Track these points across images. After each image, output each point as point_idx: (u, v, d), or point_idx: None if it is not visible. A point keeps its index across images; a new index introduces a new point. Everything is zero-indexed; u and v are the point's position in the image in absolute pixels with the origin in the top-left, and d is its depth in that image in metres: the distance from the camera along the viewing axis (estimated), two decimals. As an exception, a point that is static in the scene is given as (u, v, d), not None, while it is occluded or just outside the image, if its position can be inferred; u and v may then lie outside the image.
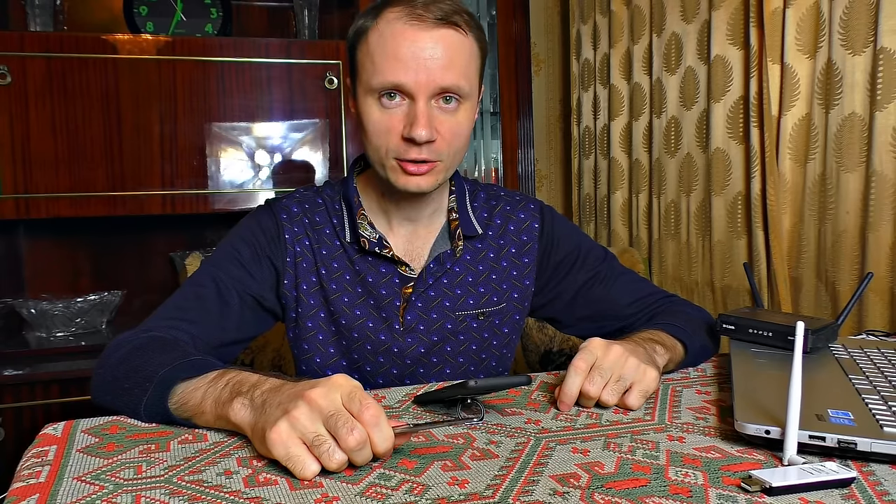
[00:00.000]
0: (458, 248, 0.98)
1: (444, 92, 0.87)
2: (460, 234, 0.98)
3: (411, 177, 0.89)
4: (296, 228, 0.96)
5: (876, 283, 1.39)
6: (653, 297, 1.05)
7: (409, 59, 0.84)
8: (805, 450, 0.63)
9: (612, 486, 0.58)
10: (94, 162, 1.75)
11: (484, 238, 1.01)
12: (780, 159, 1.57)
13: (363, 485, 0.58)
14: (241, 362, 1.38)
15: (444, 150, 0.89)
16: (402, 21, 0.85)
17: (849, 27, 1.42)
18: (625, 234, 2.11)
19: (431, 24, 0.85)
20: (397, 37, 0.85)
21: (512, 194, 1.06)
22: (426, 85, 0.85)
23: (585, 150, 2.25)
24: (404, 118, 0.87)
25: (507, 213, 1.03)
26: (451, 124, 0.89)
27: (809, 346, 0.90)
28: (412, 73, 0.85)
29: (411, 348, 0.97)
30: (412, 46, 0.85)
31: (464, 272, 0.99)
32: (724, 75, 1.70)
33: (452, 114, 0.89)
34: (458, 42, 0.87)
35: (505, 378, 0.74)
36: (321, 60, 1.90)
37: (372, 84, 0.87)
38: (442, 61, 0.85)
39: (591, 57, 2.18)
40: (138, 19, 1.90)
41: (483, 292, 1.00)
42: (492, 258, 1.01)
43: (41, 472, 0.61)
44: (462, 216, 1.00)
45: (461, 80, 0.87)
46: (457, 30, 0.87)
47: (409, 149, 0.87)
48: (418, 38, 0.85)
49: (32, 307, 1.81)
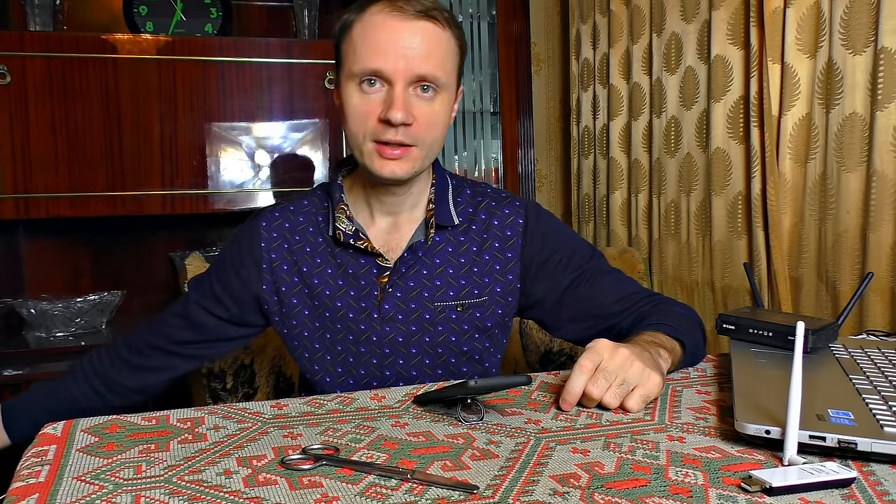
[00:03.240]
0: (429, 236, 1.00)
1: (421, 80, 0.92)
2: (433, 223, 1.01)
3: (387, 161, 0.93)
4: (274, 234, 1.02)
5: (876, 282, 1.39)
6: (639, 296, 1.04)
7: (389, 48, 0.90)
8: (805, 450, 0.63)
9: (612, 486, 0.58)
10: (94, 162, 1.75)
11: (467, 231, 1.03)
12: (781, 159, 1.57)
13: (363, 485, 0.58)
14: (241, 363, 1.38)
15: (420, 136, 0.93)
16: (384, 13, 0.91)
17: (849, 27, 1.42)
18: (624, 234, 2.11)
19: (411, 16, 0.91)
20: (378, 27, 0.91)
21: (499, 192, 1.08)
22: (404, 72, 0.90)
23: (585, 149, 2.25)
24: (382, 103, 0.91)
25: (492, 208, 1.05)
26: (427, 112, 0.93)
27: (810, 346, 0.90)
28: (391, 60, 0.90)
29: (389, 336, 0.99)
30: (392, 35, 0.90)
31: (444, 264, 1.01)
32: (724, 75, 1.70)
33: (429, 102, 0.93)
34: (437, 35, 0.93)
35: (505, 378, 0.74)
36: (321, 60, 1.90)
37: (353, 70, 0.92)
38: (420, 51, 0.91)
39: (590, 57, 2.18)
40: (138, 19, 1.90)
41: (464, 284, 1.01)
42: (474, 251, 1.02)
43: (41, 471, 0.61)
44: (439, 207, 1.02)
45: (437, 71, 0.92)
46: (435, 23, 0.92)
47: (386, 130, 0.91)
48: (398, 28, 0.90)
49: (32, 307, 1.81)
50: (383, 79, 0.91)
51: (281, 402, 0.79)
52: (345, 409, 0.78)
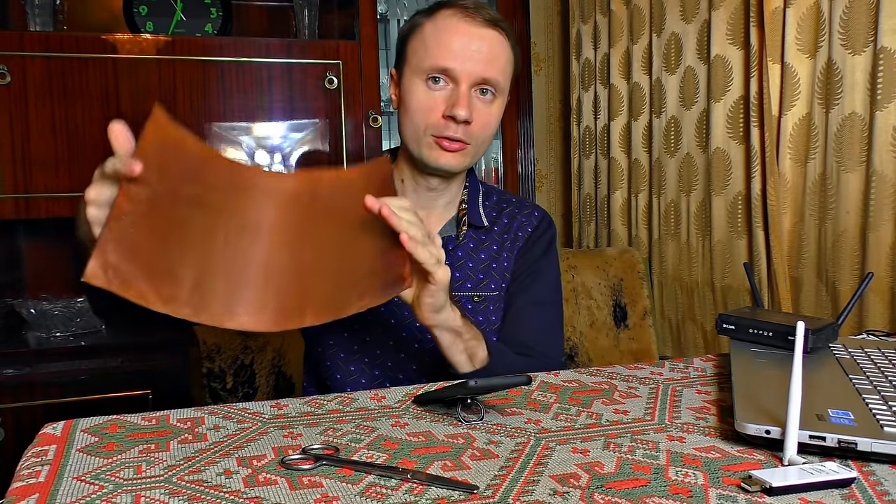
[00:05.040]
0: (461, 233, 1.07)
1: (483, 83, 0.98)
2: (466, 220, 1.08)
3: (444, 153, 0.99)
4: None
5: (876, 282, 1.39)
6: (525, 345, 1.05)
7: (458, 49, 0.97)
8: (805, 450, 0.63)
9: (612, 486, 0.58)
10: (94, 162, 1.71)
11: (489, 231, 1.10)
12: (781, 159, 1.57)
13: (363, 485, 0.58)
14: (241, 363, 1.38)
15: (476, 134, 1.00)
16: (456, 17, 0.98)
17: (849, 27, 1.42)
18: (624, 234, 2.11)
19: (481, 23, 0.98)
20: (450, 29, 0.98)
21: (522, 201, 1.18)
22: (470, 73, 0.97)
23: (586, 149, 2.25)
24: (447, 100, 0.98)
25: (515, 214, 1.13)
26: (485, 113, 1.00)
27: (810, 346, 0.90)
28: (459, 60, 0.97)
29: (407, 321, 1.03)
30: (462, 38, 0.97)
31: (465, 257, 1.07)
32: (724, 75, 1.70)
33: (488, 104, 1.00)
34: (501, 43, 1.00)
35: (505, 378, 0.74)
36: (321, 60, 1.90)
37: (422, 66, 0.98)
38: (486, 55, 0.98)
39: (591, 56, 2.18)
40: (138, 19, 1.90)
41: (482, 278, 1.07)
42: (494, 249, 1.09)
43: (41, 471, 0.60)
44: (471, 208, 1.10)
45: (499, 76, 1.00)
46: (501, 33, 1.00)
47: (447, 126, 0.98)
48: (469, 32, 0.98)
49: (32, 307, 1.81)
50: (450, 77, 0.97)
51: (281, 402, 0.79)
52: (345, 409, 0.78)
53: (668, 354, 1.95)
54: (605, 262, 1.68)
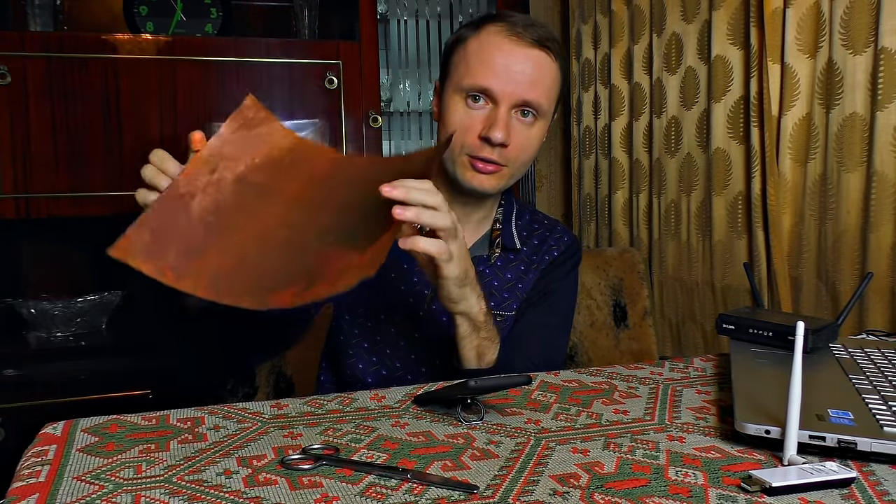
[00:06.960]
0: (493, 255, 1.04)
1: (524, 105, 0.95)
2: (500, 242, 1.05)
3: (477, 174, 0.96)
4: None
5: (876, 282, 1.39)
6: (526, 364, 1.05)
7: (501, 69, 0.93)
8: (805, 450, 0.63)
9: (612, 486, 0.58)
10: (94, 162, 1.75)
11: (518, 252, 1.07)
12: (781, 159, 1.57)
13: (363, 485, 0.58)
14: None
15: (513, 157, 0.97)
16: (501, 35, 0.94)
17: (849, 27, 1.42)
18: (625, 234, 2.11)
19: (527, 43, 0.94)
20: (494, 48, 0.94)
21: (554, 223, 1.15)
22: (511, 94, 0.94)
23: (586, 150, 2.25)
24: (485, 120, 0.94)
25: (545, 237, 1.11)
26: (524, 136, 0.97)
27: (810, 346, 0.90)
28: (501, 81, 0.93)
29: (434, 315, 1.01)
30: (506, 58, 0.93)
31: (492, 276, 1.05)
32: (724, 75, 1.70)
33: (528, 127, 0.97)
34: (547, 65, 0.96)
35: (505, 378, 0.74)
36: (321, 60, 1.90)
37: (462, 84, 0.95)
38: (530, 77, 0.94)
39: (591, 57, 2.18)
40: (138, 19, 1.89)
41: (506, 298, 1.05)
42: (521, 270, 1.07)
43: (41, 471, 0.61)
44: (505, 228, 1.07)
45: (542, 98, 0.96)
46: (548, 53, 0.96)
47: (482, 147, 0.95)
48: (513, 52, 0.94)
49: (32, 307, 1.81)
50: (490, 97, 0.94)
51: (281, 402, 0.79)
52: (345, 409, 0.78)
53: (668, 354, 1.95)
54: (605, 261, 1.68)
